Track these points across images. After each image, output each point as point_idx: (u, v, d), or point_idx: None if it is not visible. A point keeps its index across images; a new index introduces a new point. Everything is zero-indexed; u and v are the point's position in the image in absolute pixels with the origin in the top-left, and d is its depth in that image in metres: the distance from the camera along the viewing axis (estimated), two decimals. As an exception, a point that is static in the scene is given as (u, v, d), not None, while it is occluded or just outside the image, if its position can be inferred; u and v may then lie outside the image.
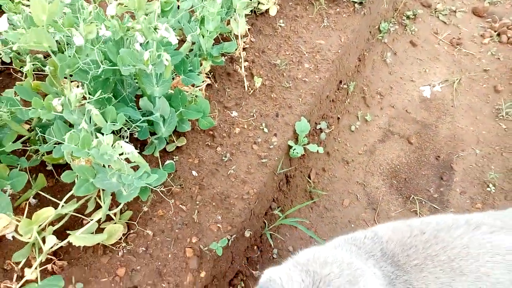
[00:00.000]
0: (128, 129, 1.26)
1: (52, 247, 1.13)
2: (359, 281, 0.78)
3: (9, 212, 1.13)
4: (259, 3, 2.12)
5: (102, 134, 1.10)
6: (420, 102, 2.47)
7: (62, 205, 1.21)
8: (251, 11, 2.14)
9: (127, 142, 1.09)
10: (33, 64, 1.21)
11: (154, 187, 1.40)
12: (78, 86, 1.18)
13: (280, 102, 1.84)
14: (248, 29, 2.07)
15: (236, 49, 1.74)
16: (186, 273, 1.28)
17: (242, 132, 1.70)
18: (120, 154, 1.03)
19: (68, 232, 1.20)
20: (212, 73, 1.85)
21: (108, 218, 1.30)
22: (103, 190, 1.19)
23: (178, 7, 1.59)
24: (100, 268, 1.25)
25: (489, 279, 0.95)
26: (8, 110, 1.13)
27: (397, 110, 2.41)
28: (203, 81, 1.67)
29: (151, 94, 1.29)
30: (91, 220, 1.23)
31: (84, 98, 1.14)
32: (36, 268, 1.14)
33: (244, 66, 1.87)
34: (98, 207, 1.31)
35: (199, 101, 1.50)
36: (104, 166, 1.13)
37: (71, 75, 1.19)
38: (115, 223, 1.28)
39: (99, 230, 1.26)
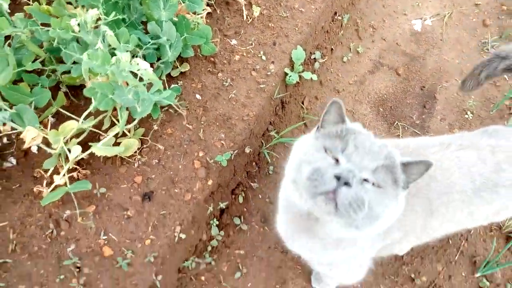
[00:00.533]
0: (140, 50, 1.37)
1: (77, 157, 1.30)
2: None
3: (37, 125, 1.28)
4: None
5: (116, 55, 1.22)
6: (411, 35, 2.58)
7: (82, 121, 1.36)
8: None
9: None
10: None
11: (163, 107, 1.55)
12: (87, 10, 1.28)
13: (277, 31, 1.94)
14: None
15: (234, -23, 1.80)
16: (195, 181, 1.48)
17: (241, 59, 1.82)
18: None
19: (90, 144, 1.36)
20: (212, 1, 1.92)
21: (123, 135, 1.46)
22: (119, 107, 1.33)
23: None
24: (119, 176, 1.44)
25: (456, 187, 1.15)
26: (29, 30, 1.22)
27: (388, 43, 2.52)
28: (203, 9, 1.75)
29: (158, 18, 1.39)
30: (108, 135, 1.39)
31: (98, 20, 1.23)
32: (64, 175, 1.32)
33: (242, -5, 1.94)
34: (113, 124, 1.46)
35: (201, 27, 1.60)
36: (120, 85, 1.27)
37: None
38: (130, 138, 1.44)
39: (116, 144, 1.43)
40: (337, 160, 0.86)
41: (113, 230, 1.35)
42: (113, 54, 1.25)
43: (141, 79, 1.27)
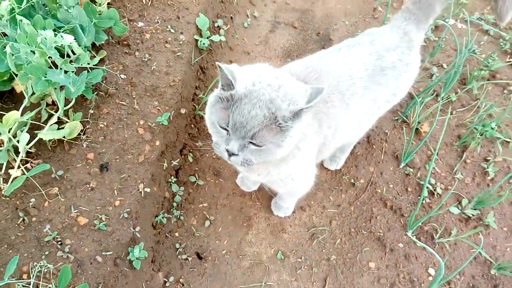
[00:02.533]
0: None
1: (27, 144, 1.45)
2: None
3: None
4: None
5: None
6: (296, -7, 3.04)
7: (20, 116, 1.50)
8: None
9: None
10: None
11: (94, 91, 1.74)
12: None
13: (177, 7, 2.22)
14: None
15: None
16: (144, 145, 1.70)
17: (152, 36, 2.07)
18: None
19: (36, 132, 1.51)
20: (108, -7, 2.14)
21: (64, 122, 1.62)
22: (54, 90, 1.51)
23: None
24: (71, 158, 1.61)
25: (356, 76, 1.53)
26: None
27: (278, 4, 2.95)
28: (103, -2, 1.97)
29: (66, 4, 1.59)
30: (50, 122, 1.55)
31: (12, 10, 1.40)
32: (19, 166, 1.46)
33: (136, -19, 2.19)
34: (50, 116, 1.62)
35: (108, 11, 1.82)
36: (50, 67, 1.45)
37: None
38: (72, 121, 1.61)
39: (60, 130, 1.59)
40: (228, 131, 1.17)
41: (82, 202, 1.52)
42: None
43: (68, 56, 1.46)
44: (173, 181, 1.86)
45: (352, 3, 2.99)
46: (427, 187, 2.11)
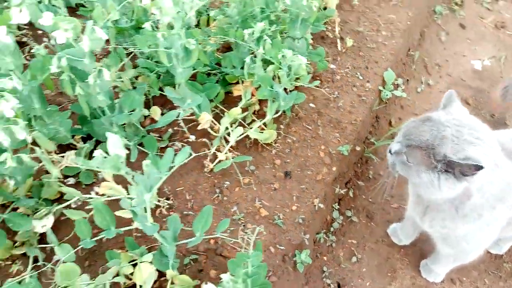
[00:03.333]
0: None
1: (238, 137, 1.75)
2: None
3: (209, 111, 1.76)
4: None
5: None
6: (473, 73, 3.11)
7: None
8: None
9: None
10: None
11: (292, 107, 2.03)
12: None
13: (367, 59, 2.48)
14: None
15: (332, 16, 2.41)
16: (322, 166, 1.90)
17: (342, 78, 2.34)
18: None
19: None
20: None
21: (262, 128, 1.92)
22: (271, 100, 1.82)
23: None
24: (262, 159, 1.87)
25: None
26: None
27: (454, 78, 3.04)
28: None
29: (293, 35, 1.93)
30: (253, 126, 1.85)
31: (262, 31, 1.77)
32: (225, 152, 1.76)
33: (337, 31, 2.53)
34: (252, 121, 1.93)
35: (318, 49, 2.15)
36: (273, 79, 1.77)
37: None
38: (270, 129, 1.90)
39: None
40: None
41: (265, 197, 1.74)
42: (268, 62, 1.77)
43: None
44: (336, 208, 2.00)
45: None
46: None
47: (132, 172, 1.12)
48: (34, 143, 1.49)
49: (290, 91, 1.92)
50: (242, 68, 1.82)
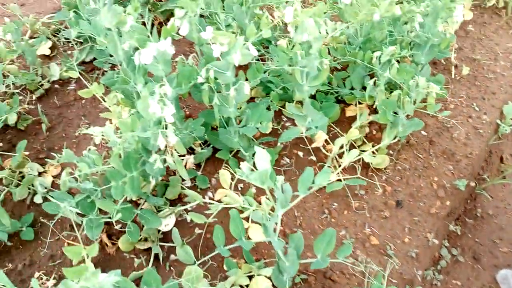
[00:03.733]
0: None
1: (354, 158, 1.73)
2: None
3: (325, 130, 1.75)
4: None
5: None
6: None
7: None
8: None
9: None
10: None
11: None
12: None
13: (484, 89, 2.35)
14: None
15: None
16: (435, 199, 1.82)
17: (456, 108, 2.23)
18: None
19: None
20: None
21: (374, 152, 1.87)
22: (389, 124, 1.78)
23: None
24: (371, 184, 1.82)
25: None
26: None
27: None
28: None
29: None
30: (366, 149, 1.82)
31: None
32: (338, 173, 1.74)
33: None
34: (362, 143, 1.89)
35: (437, 76, 2.06)
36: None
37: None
38: (381, 155, 1.85)
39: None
40: None
41: (374, 225, 1.70)
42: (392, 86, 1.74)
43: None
44: (445, 245, 1.90)
45: None
46: None
47: (274, 187, 1.14)
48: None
49: (407, 116, 1.87)
50: (361, 89, 1.80)
